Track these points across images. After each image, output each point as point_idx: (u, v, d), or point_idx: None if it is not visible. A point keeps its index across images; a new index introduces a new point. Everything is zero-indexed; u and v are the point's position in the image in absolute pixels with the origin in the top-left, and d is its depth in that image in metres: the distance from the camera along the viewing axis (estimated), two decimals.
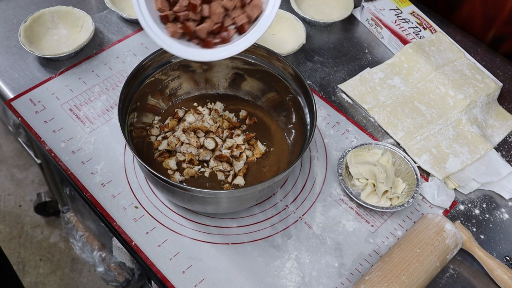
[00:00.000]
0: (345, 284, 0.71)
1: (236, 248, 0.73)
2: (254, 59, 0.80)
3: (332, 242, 0.75)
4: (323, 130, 0.88)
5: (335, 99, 0.94)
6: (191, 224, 0.75)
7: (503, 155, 0.89)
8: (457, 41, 1.04)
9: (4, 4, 1.03)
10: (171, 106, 0.84)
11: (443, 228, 0.72)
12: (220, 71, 0.83)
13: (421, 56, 0.96)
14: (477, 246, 0.74)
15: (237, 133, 0.81)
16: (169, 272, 0.70)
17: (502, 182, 0.84)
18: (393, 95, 0.93)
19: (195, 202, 0.68)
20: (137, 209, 0.75)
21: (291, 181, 0.81)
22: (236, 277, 0.70)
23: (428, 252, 0.69)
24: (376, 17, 1.05)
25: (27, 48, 0.89)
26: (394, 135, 0.88)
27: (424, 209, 0.80)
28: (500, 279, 0.71)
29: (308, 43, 1.03)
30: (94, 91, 0.89)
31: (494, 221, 0.80)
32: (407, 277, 0.66)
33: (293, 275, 0.71)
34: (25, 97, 0.87)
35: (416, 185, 0.78)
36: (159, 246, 0.72)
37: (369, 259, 0.74)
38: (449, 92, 0.92)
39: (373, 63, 1.01)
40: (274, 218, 0.76)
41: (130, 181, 0.78)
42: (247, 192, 0.66)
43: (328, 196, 0.80)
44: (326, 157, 0.84)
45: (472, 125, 0.89)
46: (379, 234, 0.76)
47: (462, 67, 0.96)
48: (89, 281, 1.58)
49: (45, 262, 1.61)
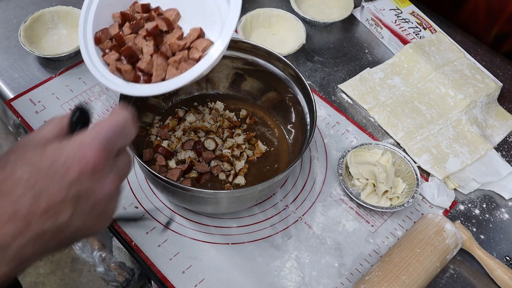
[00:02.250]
0: (345, 284, 0.71)
1: (236, 248, 0.73)
2: (254, 59, 0.80)
3: (332, 242, 0.75)
4: (323, 130, 0.88)
5: (335, 99, 0.94)
6: (191, 224, 0.75)
7: (503, 155, 0.89)
8: (457, 41, 1.04)
9: (4, 4, 1.03)
10: (171, 106, 0.84)
11: (443, 228, 0.72)
12: (221, 71, 0.83)
13: (421, 56, 0.96)
14: (477, 246, 0.74)
15: (237, 132, 0.81)
16: (169, 272, 0.70)
17: (502, 182, 0.84)
18: (393, 95, 0.93)
19: (195, 202, 0.68)
20: (137, 209, 0.75)
21: (291, 181, 0.81)
22: (236, 277, 0.70)
23: (428, 252, 0.69)
24: (376, 17, 1.05)
25: (27, 48, 0.89)
26: (394, 135, 0.88)
27: (424, 209, 0.80)
28: (500, 279, 0.71)
29: (308, 43, 1.03)
30: (94, 91, 0.89)
31: (494, 221, 0.80)
32: (407, 277, 0.66)
33: (293, 275, 0.71)
34: (25, 97, 0.87)
35: (416, 185, 0.78)
36: (159, 246, 0.72)
37: (369, 259, 0.74)
38: (449, 92, 0.92)
39: (373, 63, 1.01)
40: (274, 218, 0.76)
41: (130, 181, 0.78)
42: (247, 192, 0.66)
43: (328, 196, 0.80)
44: (326, 157, 0.84)
45: (472, 125, 0.89)
46: (379, 234, 0.76)
47: (462, 67, 0.96)
48: (89, 281, 1.57)
49: (45, 262, 1.61)
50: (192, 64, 0.60)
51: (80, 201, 0.40)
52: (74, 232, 0.42)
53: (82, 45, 0.62)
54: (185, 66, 0.60)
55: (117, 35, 0.63)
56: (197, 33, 0.62)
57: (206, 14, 0.63)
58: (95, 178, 0.41)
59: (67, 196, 0.40)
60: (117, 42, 0.63)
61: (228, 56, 0.80)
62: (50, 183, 0.39)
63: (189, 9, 0.64)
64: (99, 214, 0.43)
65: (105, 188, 0.42)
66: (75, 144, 0.41)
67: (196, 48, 0.61)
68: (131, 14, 0.64)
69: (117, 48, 0.62)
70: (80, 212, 0.41)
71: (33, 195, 0.39)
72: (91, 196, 0.41)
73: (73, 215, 0.40)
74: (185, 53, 0.61)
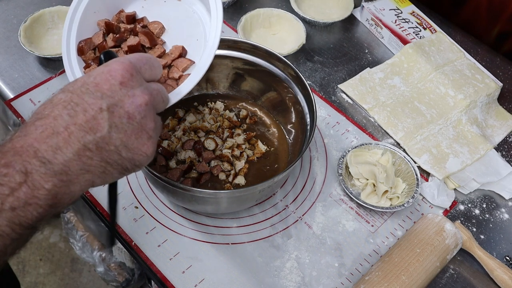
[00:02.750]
0: (345, 284, 0.71)
1: (236, 248, 0.73)
2: (254, 59, 0.80)
3: (332, 242, 0.75)
4: (323, 130, 0.88)
5: (335, 99, 0.94)
6: (191, 224, 0.75)
7: (503, 155, 0.89)
8: (457, 41, 1.04)
9: (4, 4, 1.03)
10: (171, 106, 0.84)
11: (443, 228, 0.71)
12: (221, 71, 0.83)
13: (421, 56, 0.96)
14: (477, 246, 0.74)
15: (237, 132, 0.81)
16: (169, 272, 0.70)
17: (502, 182, 0.84)
18: (393, 95, 0.93)
19: (195, 202, 0.68)
20: (137, 209, 0.75)
21: (291, 181, 0.81)
22: (236, 277, 0.70)
23: (428, 252, 0.69)
24: (376, 17, 1.05)
25: (27, 48, 0.89)
26: (394, 135, 0.88)
27: (424, 209, 0.80)
28: (500, 279, 0.71)
29: (308, 43, 1.03)
30: None
31: (494, 221, 0.80)
32: (407, 277, 0.66)
33: (293, 275, 0.71)
34: (25, 97, 0.87)
35: (416, 185, 0.78)
36: (159, 246, 0.72)
37: (369, 259, 0.74)
38: (449, 92, 0.92)
39: (373, 63, 1.01)
40: (274, 218, 0.76)
41: (130, 181, 0.78)
42: (247, 192, 0.66)
43: (328, 196, 0.80)
44: (326, 157, 0.84)
45: (472, 125, 0.89)
46: (379, 234, 0.76)
47: (462, 67, 0.96)
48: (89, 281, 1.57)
49: (45, 262, 1.61)
50: (171, 85, 0.60)
51: (114, 113, 0.43)
52: (117, 150, 0.43)
53: (65, 55, 0.62)
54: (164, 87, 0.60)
55: (100, 45, 0.63)
56: (179, 51, 0.62)
57: (190, 30, 0.64)
58: (124, 90, 0.44)
59: (101, 108, 0.42)
60: (99, 53, 0.63)
61: (228, 56, 0.80)
62: (83, 98, 0.42)
63: (174, 24, 0.65)
64: (137, 130, 0.44)
65: (136, 101, 0.44)
66: (104, 65, 0.45)
67: (176, 67, 0.61)
68: (116, 24, 0.64)
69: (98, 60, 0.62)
70: (117, 125, 0.43)
71: (69, 112, 0.41)
72: (124, 107, 0.43)
73: (111, 128, 0.42)
74: (165, 73, 0.61)
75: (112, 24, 0.64)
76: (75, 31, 0.63)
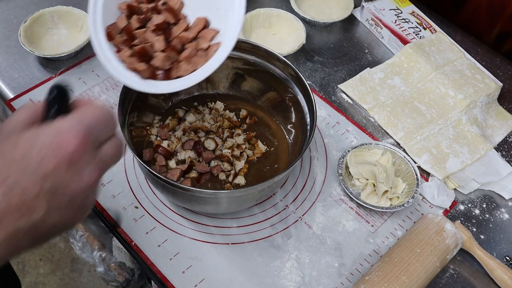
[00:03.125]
0: (345, 284, 0.71)
1: (236, 248, 0.73)
2: (254, 59, 0.80)
3: (332, 242, 0.75)
4: (323, 130, 0.88)
5: (335, 99, 0.94)
6: (191, 224, 0.75)
7: (503, 155, 0.89)
8: (457, 41, 1.04)
9: (4, 4, 1.03)
10: (171, 106, 0.84)
11: (443, 228, 0.71)
12: (221, 71, 0.83)
13: (421, 56, 0.96)
14: (477, 246, 0.74)
15: (237, 132, 0.81)
16: (169, 272, 0.70)
17: (502, 182, 0.84)
18: (393, 95, 0.93)
19: (195, 202, 0.68)
20: (137, 209, 0.75)
21: (291, 181, 0.81)
22: (236, 277, 0.70)
23: (428, 252, 0.69)
24: (376, 17, 1.05)
25: (27, 48, 0.89)
26: (394, 135, 0.88)
27: (424, 209, 0.80)
28: (500, 279, 0.71)
29: (308, 43, 1.03)
30: (94, 91, 0.89)
31: (494, 221, 0.80)
32: (407, 277, 0.66)
33: (293, 275, 0.71)
34: (25, 97, 0.87)
35: (416, 185, 0.78)
36: (159, 246, 0.72)
37: (369, 259, 0.74)
38: (449, 92, 0.92)
39: (373, 63, 1.01)
40: (274, 218, 0.76)
41: (130, 181, 0.78)
42: (247, 192, 0.66)
43: (328, 196, 0.80)
44: (326, 157, 0.84)
45: (472, 125, 0.89)
46: (379, 234, 0.76)
47: (462, 67, 0.96)
48: (89, 281, 1.57)
49: (45, 262, 1.61)
50: (202, 56, 0.61)
51: (55, 196, 0.37)
52: (50, 229, 0.38)
53: (95, 43, 0.62)
54: (197, 60, 0.62)
55: (126, 28, 0.63)
56: (203, 23, 0.63)
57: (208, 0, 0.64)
58: (72, 170, 0.37)
59: (42, 190, 0.36)
60: (127, 36, 0.63)
61: (228, 56, 0.80)
62: (23, 176, 0.35)
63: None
64: (76, 209, 0.39)
65: (83, 182, 0.38)
66: (52, 131, 0.37)
67: (203, 37, 0.62)
68: (137, 6, 0.65)
69: (128, 42, 0.63)
70: (56, 207, 0.37)
71: (4, 191, 0.35)
72: (67, 190, 0.37)
73: (48, 211, 0.37)
74: (193, 45, 0.62)
75: (133, 6, 0.64)
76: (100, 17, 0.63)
